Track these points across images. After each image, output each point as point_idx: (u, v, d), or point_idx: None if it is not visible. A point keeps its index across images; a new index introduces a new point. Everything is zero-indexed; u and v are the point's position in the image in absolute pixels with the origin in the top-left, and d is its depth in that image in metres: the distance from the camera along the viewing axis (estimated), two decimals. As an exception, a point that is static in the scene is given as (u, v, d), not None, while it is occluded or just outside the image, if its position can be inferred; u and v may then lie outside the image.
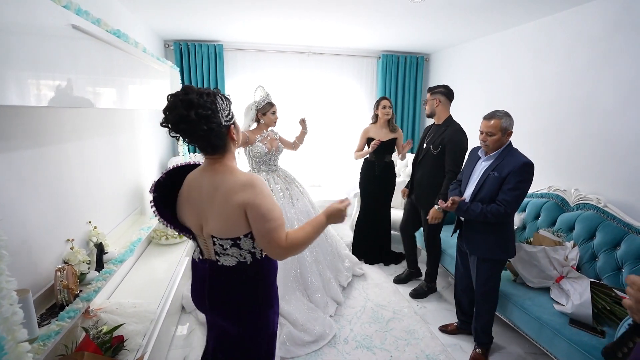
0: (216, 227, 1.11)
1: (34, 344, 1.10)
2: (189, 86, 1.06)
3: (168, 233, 2.78)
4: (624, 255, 2.02)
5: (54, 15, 1.19)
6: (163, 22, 3.08)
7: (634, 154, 2.16)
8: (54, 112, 1.58)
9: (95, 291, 1.49)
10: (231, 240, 1.12)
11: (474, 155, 2.08)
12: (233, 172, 1.13)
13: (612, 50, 2.27)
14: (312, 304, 2.48)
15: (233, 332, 1.24)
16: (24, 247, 1.34)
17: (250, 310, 1.21)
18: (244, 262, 1.16)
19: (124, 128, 2.46)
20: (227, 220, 1.09)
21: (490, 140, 1.88)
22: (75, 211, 1.73)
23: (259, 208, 1.06)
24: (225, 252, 1.14)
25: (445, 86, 2.56)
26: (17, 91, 1.01)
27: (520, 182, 1.80)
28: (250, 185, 1.07)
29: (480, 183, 1.92)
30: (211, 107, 1.05)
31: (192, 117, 1.01)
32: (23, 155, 1.36)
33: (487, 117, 1.89)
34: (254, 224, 1.08)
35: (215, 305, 1.21)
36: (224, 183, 1.10)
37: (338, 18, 2.91)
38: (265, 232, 1.07)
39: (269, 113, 2.64)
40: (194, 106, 1.01)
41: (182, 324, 2.39)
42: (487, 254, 1.96)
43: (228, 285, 1.18)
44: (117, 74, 1.77)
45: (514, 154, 1.86)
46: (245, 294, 1.20)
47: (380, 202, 3.25)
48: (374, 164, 3.16)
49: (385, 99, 3.12)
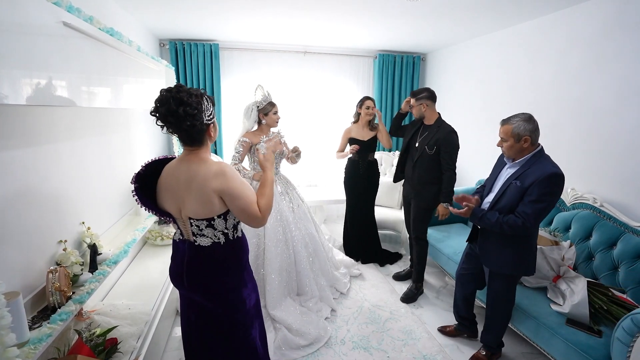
0: (193, 209, 1.26)
1: (24, 348, 1.08)
2: (180, 85, 1.22)
3: (163, 234, 2.75)
4: (621, 254, 2.03)
5: (45, 12, 1.16)
6: (158, 21, 3.05)
7: (630, 153, 2.17)
8: (46, 111, 1.56)
9: (88, 293, 1.46)
10: (206, 220, 1.28)
11: (501, 161, 1.95)
12: (206, 162, 1.28)
13: (607, 50, 2.28)
14: (305, 308, 2.47)
15: (209, 307, 1.39)
16: (16, 248, 1.31)
17: (224, 288, 1.36)
18: (218, 243, 1.32)
19: (118, 127, 2.43)
20: (202, 203, 1.24)
21: (504, 146, 1.76)
22: (68, 212, 1.71)
23: (232, 191, 1.23)
24: (201, 233, 1.30)
25: (427, 89, 2.58)
26: (8, 90, 0.98)
27: (544, 194, 1.62)
28: (221, 173, 1.23)
29: (502, 191, 1.78)
30: (197, 107, 1.20)
31: (180, 113, 1.17)
32: (14, 155, 1.33)
33: (502, 121, 1.77)
34: (231, 204, 1.25)
35: (192, 283, 1.35)
36: (199, 172, 1.24)
37: (334, 17, 2.90)
38: (242, 208, 1.25)
39: (270, 113, 2.54)
40: (183, 104, 1.17)
41: (177, 326, 2.37)
42: (501, 268, 1.84)
43: (204, 264, 1.33)
44: (111, 72, 1.75)
45: (543, 163, 1.68)
46: (220, 273, 1.35)
47: (366, 200, 3.26)
48: (358, 163, 3.19)
49: (369, 99, 3.12)
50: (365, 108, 3.08)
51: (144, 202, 1.34)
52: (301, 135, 4.28)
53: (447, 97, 3.97)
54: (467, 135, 2.54)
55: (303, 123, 4.32)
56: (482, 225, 1.84)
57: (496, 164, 1.98)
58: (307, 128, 4.35)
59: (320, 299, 2.59)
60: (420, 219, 2.71)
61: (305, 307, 2.48)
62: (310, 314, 2.41)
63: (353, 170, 3.22)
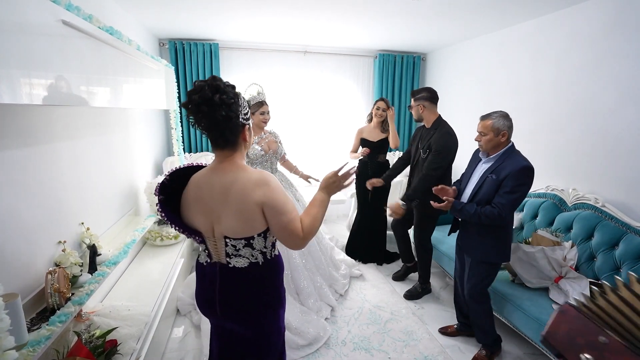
0: (231, 227, 1.10)
1: (22, 350, 1.07)
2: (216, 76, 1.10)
3: (163, 234, 2.74)
4: (623, 255, 2.02)
5: (43, 11, 1.15)
6: (158, 21, 3.04)
7: (631, 153, 2.16)
8: (44, 110, 1.54)
9: (87, 294, 1.45)
10: (245, 240, 1.12)
11: (475, 157, 2.06)
12: (244, 169, 1.13)
13: (608, 50, 2.27)
14: (305, 307, 2.46)
15: (246, 334, 1.24)
16: (14, 249, 1.30)
17: (263, 311, 1.21)
18: (256, 263, 1.17)
19: (117, 127, 2.41)
20: (243, 218, 1.09)
21: (483, 140, 1.88)
22: (68, 212, 1.69)
23: (275, 203, 1.08)
24: (238, 253, 1.14)
25: (428, 89, 2.53)
26: (5, 89, 0.97)
27: (518, 185, 1.76)
28: (264, 183, 1.09)
29: (479, 185, 1.90)
30: (234, 98, 1.08)
31: (216, 100, 1.04)
32: (12, 155, 1.32)
33: (482, 117, 1.90)
34: (272, 219, 1.10)
35: (226, 309, 1.20)
36: (237, 181, 1.09)
37: (335, 17, 2.88)
38: (284, 225, 1.10)
39: (257, 113, 2.52)
40: (220, 91, 1.05)
41: (177, 326, 2.35)
42: (482, 257, 1.94)
43: (240, 288, 1.18)
44: (110, 72, 1.74)
45: (515, 157, 1.82)
46: (259, 295, 1.20)
47: (374, 202, 3.25)
48: (367, 164, 3.22)
49: (382, 100, 3.11)
50: (375, 109, 3.10)
51: (170, 217, 1.16)
52: (301, 135, 4.27)
53: (447, 97, 3.95)
54: (466, 135, 2.53)
55: (303, 123, 4.31)
56: (462, 217, 1.94)
57: (471, 160, 2.10)
58: (308, 128, 4.34)
59: (320, 298, 2.58)
60: (423, 227, 2.67)
61: (305, 306, 2.47)
62: (310, 313, 2.40)
63: (362, 171, 3.24)
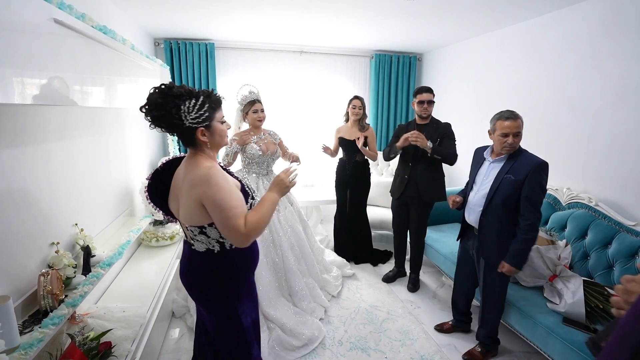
0: (183, 215, 1.23)
1: (14, 354, 1.05)
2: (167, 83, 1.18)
3: (158, 235, 2.72)
4: (615, 253, 2.04)
5: (35, 9, 1.14)
6: (153, 20, 3.01)
7: (624, 153, 2.18)
8: (36, 110, 1.52)
9: (81, 296, 1.43)
10: (198, 227, 1.22)
11: (479, 157, 2.00)
12: (197, 166, 1.19)
13: (603, 50, 2.29)
14: (299, 309, 2.45)
15: (211, 320, 1.37)
16: (6, 251, 1.28)
17: (215, 297, 1.32)
18: (212, 250, 1.27)
19: (112, 127, 2.39)
20: (189, 210, 1.19)
21: (516, 141, 1.76)
22: (61, 213, 1.67)
23: (213, 200, 1.13)
24: (196, 238, 1.26)
25: None
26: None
27: (542, 184, 1.75)
28: (206, 180, 1.14)
29: (495, 187, 1.83)
30: (165, 108, 1.13)
31: (161, 106, 1.12)
32: (3, 155, 1.30)
33: (512, 117, 1.75)
34: (212, 214, 1.16)
35: (188, 285, 1.36)
36: (188, 177, 1.20)
37: (331, 17, 2.88)
38: (223, 221, 1.15)
39: (250, 112, 2.57)
40: (165, 95, 1.14)
41: (172, 328, 2.34)
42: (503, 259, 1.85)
43: (198, 269, 1.30)
44: (104, 71, 1.72)
45: (526, 155, 1.79)
46: (213, 281, 1.30)
47: (354, 201, 3.23)
48: (345, 162, 3.20)
49: (357, 98, 3.10)
50: (351, 107, 3.09)
51: (153, 199, 1.35)
52: (297, 135, 4.26)
53: (443, 97, 3.96)
54: (463, 135, 2.54)
55: (299, 123, 4.30)
56: (525, 255, 1.82)
57: (474, 162, 2.05)
58: (304, 128, 4.33)
59: (313, 299, 2.58)
60: (425, 219, 2.78)
61: (299, 307, 2.47)
62: (305, 315, 2.40)
63: (340, 170, 3.23)
